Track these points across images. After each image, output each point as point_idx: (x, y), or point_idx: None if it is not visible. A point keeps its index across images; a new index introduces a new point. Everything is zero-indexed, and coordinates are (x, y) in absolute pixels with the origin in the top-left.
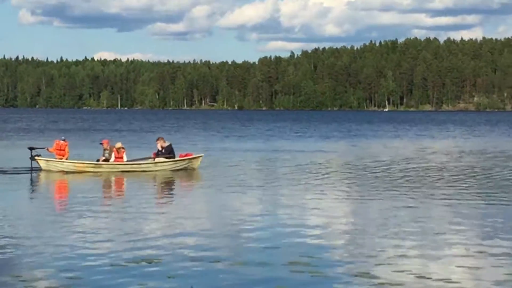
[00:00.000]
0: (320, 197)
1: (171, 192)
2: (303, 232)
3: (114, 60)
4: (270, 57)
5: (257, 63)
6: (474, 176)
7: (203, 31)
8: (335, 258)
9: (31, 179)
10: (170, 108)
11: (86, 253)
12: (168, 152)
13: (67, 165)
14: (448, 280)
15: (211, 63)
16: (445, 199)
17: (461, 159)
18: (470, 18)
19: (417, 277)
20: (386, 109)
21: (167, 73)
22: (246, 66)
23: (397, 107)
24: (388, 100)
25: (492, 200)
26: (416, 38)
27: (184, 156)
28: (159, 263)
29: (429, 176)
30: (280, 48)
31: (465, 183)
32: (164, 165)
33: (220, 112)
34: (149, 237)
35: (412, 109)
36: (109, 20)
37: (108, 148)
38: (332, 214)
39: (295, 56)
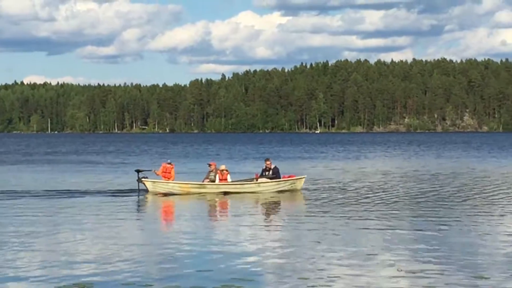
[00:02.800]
0: (254, 222)
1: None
2: (236, 256)
3: (44, 83)
4: (201, 79)
5: (188, 86)
6: (408, 196)
7: (134, 54)
8: (269, 280)
9: (138, 201)
10: (101, 132)
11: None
12: (274, 174)
13: (173, 186)
14: None
15: (142, 86)
16: (378, 219)
17: (399, 180)
18: (401, 40)
19: None
20: (318, 131)
21: (98, 97)
22: (177, 89)
23: (328, 128)
24: (320, 122)
25: (424, 221)
26: (347, 60)
27: (287, 178)
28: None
29: (362, 197)
30: (211, 70)
31: (399, 204)
32: (267, 185)
33: (152, 136)
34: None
35: (343, 130)
36: (39, 44)
37: (214, 170)
38: (266, 238)
39: (226, 79)
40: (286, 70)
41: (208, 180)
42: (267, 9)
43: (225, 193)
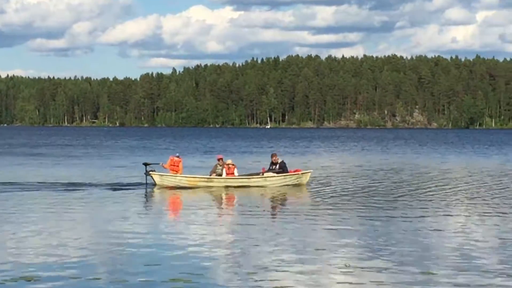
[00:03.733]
0: (207, 215)
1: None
2: (183, 249)
3: None
4: (152, 73)
5: (138, 79)
6: (352, 192)
7: (85, 47)
8: (216, 275)
9: (146, 194)
10: (51, 125)
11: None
12: (281, 168)
13: (180, 179)
14: None
15: (92, 79)
16: (327, 214)
17: (344, 175)
18: (352, 36)
19: None
20: (268, 126)
21: (48, 90)
22: (127, 83)
23: (279, 123)
24: (270, 117)
25: (374, 215)
26: (298, 55)
27: (293, 172)
28: (38, 281)
29: (313, 192)
30: (162, 65)
31: (344, 199)
32: (273, 180)
33: (103, 129)
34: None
35: (294, 126)
36: None
37: (222, 163)
38: (217, 231)
39: (177, 73)
40: (237, 65)
41: (215, 174)
42: (219, 4)
43: (232, 187)
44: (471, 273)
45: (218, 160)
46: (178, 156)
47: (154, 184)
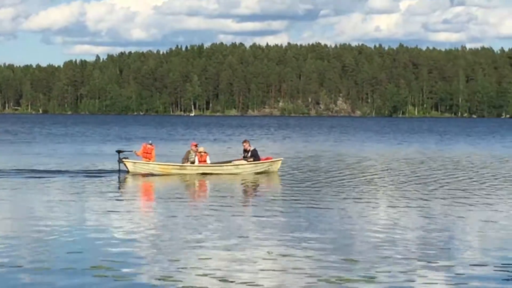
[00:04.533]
0: (128, 203)
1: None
2: (107, 237)
3: None
4: (76, 60)
5: (62, 66)
6: (286, 179)
7: (7, 34)
8: (139, 262)
9: (119, 181)
10: None
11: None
12: (252, 156)
13: (153, 166)
14: (251, 283)
15: (15, 66)
16: (249, 203)
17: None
18: (276, 24)
19: (221, 280)
20: (192, 114)
21: None
22: (51, 70)
23: (203, 111)
24: (194, 104)
25: (296, 203)
26: (222, 43)
27: (265, 160)
28: None
29: (231, 182)
30: (86, 52)
31: (271, 188)
32: (245, 167)
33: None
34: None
35: (218, 114)
36: None
37: (195, 150)
38: (139, 220)
39: (101, 60)
40: (161, 53)
41: (187, 161)
42: None
43: (204, 174)
44: (391, 260)
45: (192, 146)
46: (151, 144)
47: (128, 171)
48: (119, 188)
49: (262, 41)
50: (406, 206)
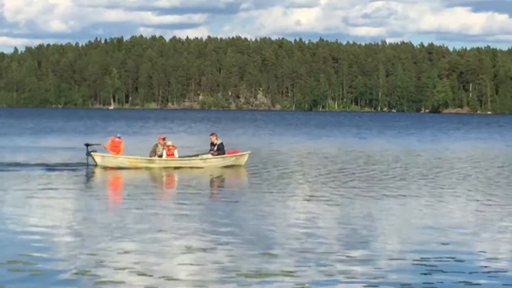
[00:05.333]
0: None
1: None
2: (29, 231)
3: None
4: None
5: None
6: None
7: None
8: (59, 257)
9: (87, 175)
10: None
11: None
12: (218, 149)
13: (122, 160)
14: (170, 277)
15: None
16: (180, 201)
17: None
18: (196, 17)
19: (139, 274)
20: (111, 107)
21: None
22: None
23: (122, 105)
24: (114, 97)
25: (212, 200)
26: (142, 36)
27: (232, 153)
28: None
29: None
30: (3, 43)
31: (190, 183)
32: (212, 161)
33: None
34: None
35: (137, 107)
36: None
37: (163, 144)
38: (68, 214)
39: (19, 52)
40: (80, 45)
41: (154, 154)
42: None
43: (174, 168)
44: (311, 254)
45: (160, 140)
46: (119, 137)
47: (96, 165)
48: (83, 181)
49: (182, 34)
50: (324, 200)
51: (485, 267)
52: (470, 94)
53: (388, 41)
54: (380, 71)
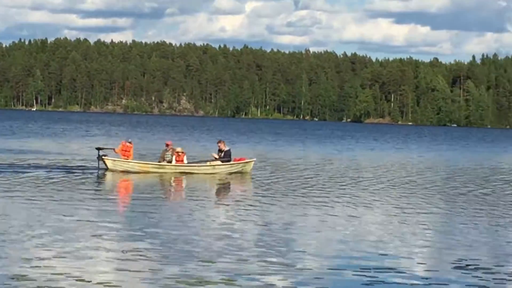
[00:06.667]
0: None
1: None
2: None
3: None
4: None
5: None
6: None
7: None
8: None
9: (98, 178)
10: None
11: None
12: (227, 156)
13: (133, 165)
14: (108, 283)
15: None
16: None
17: None
18: (121, 21)
19: (77, 280)
20: (34, 109)
21: None
22: None
23: (45, 106)
24: (36, 99)
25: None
26: (66, 38)
27: (238, 160)
28: None
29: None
30: None
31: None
32: (221, 168)
33: None
34: None
35: (60, 109)
36: None
37: (171, 150)
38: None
39: None
40: (3, 46)
41: (163, 160)
42: None
43: (182, 173)
44: (251, 262)
45: (167, 145)
46: (130, 142)
47: (107, 169)
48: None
49: (107, 38)
50: (246, 208)
51: (425, 278)
52: (392, 104)
53: (311, 50)
54: (303, 80)
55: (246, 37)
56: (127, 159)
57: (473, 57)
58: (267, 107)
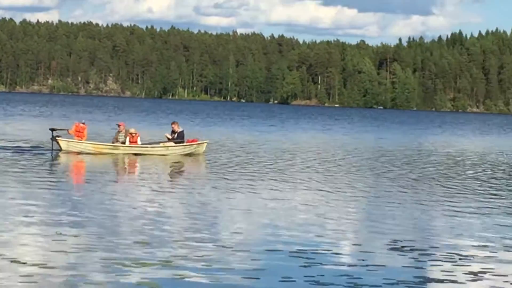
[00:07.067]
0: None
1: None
2: None
3: None
4: None
5: None
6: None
7: None
8: None
9: (52, 159)
10: None
11: None
12: (180, 138)
13: (86, 146)
14: (43, 265)
15: None
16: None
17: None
18: (47, 1)
19: (12, 261)
20: None
21: None
22: None
23: None
24: None
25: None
26: None
27: (191, 142)
28: None
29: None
30: None
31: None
32: (174, 149)
33: None
34: None
35: None
36: None
37: (124, 131)
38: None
39: None
40: None
41: (117, 141)
42: None
43: (136, 154)
44: (167, 240)
45: (119, 126)
46: (83, 123)
47: (60, 150)
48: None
49: (33, 18)
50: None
51: (363, 260)
52: (319, 86)
53: (239, 31)
54: (231, 61)
55: (173, 18)
56: (81, 140)
57: (400, 40)
58: (194, 88)
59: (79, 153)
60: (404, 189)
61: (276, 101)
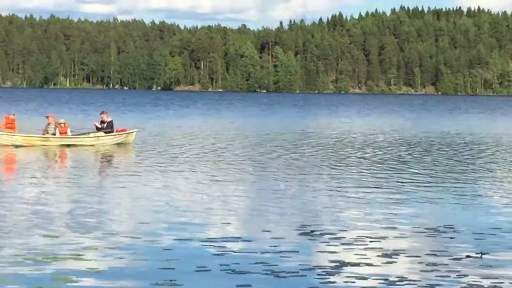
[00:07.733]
0: None
1: None
2: None
3: None
4: None
5: None
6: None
7: None
8: None
9: None
10: None
11: None
12: (109, 127)
13: (17, 138)
14: None
15: None
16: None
17: None
18: None
19: None
20: None
21: None
22: None
23: None
24: None
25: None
26: None
27: (120, 131)
28: None
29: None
30: None
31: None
32: (105, 139)
33: None
34: None
35: None
36: None
37: (53, 123)
38: None
39: None
40: None
41: (47, 133)
42: None
43: (68, 145)
44: (78, 232)
45: (48, 118)
46: (13, 114)
47: None
48: None
49: None
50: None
51: (275, 246)
52: (202, 71)
53: (119, 18)
54: (112, 49)
55: (52, 7)
56: (12, 131)
57: (281, 23)
58: (76, 77)
59: (10, 146)
60: (291, 173)
61: (159, 88)
